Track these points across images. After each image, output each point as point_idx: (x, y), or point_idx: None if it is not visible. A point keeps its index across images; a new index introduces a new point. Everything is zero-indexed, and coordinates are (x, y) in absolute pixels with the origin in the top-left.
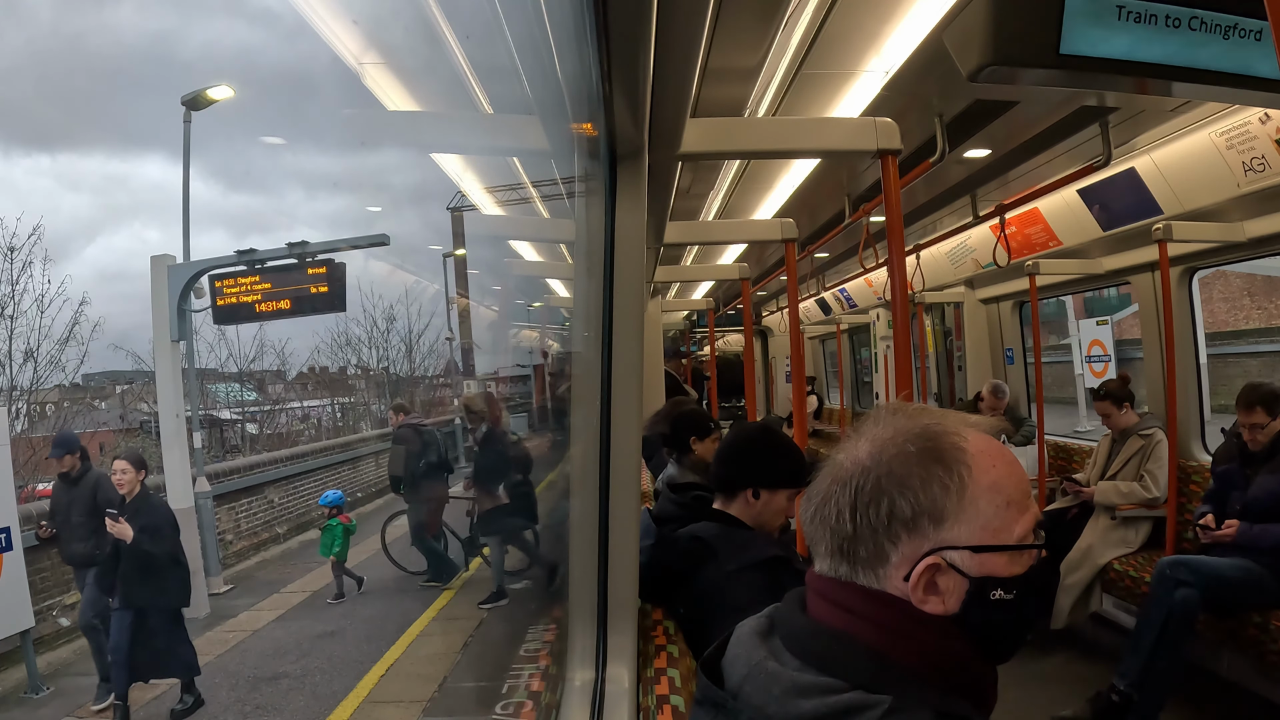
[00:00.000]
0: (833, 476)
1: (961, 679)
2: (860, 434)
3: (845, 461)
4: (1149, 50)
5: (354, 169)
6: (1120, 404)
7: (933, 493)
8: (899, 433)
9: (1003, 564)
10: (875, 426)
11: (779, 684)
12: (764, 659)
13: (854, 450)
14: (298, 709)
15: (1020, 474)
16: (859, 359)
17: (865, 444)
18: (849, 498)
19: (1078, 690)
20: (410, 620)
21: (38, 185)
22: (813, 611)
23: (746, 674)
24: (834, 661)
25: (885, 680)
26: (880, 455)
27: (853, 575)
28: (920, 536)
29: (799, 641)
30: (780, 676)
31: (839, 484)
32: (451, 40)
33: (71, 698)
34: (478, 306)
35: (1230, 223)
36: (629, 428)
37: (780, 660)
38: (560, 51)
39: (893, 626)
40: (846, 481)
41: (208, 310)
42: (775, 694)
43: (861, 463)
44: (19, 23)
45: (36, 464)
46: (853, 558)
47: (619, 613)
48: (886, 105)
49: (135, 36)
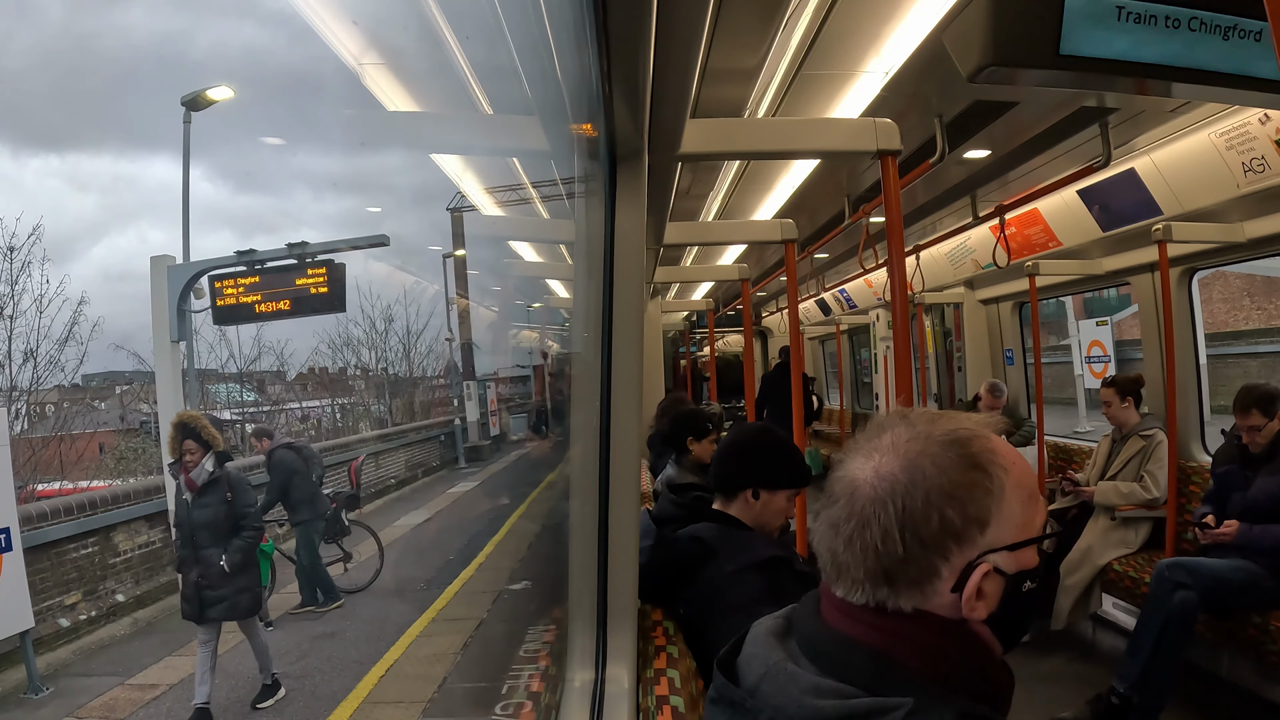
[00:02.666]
0: (868, 496)
1: (985, 688)
2: (877, 447)
3: (874, 479)
4: (1149, 51)
5: (357, 169)
6: (1124, 396)
7: (977, 500)
8: (929, 441)
9: (1031, 556)
10: (893, 437)
11: (798, 684)
12: (782, 659)
13: (880, 465)
14: (297, 709)
15: (1029, 465)
16: (859, 360)
17: (892, 458)
18: (895, 518)
19: (1078, 691)
20: (410, 621)
21: (46, 185)
22: (832, 621)
23: (765, 673)
24: (857, 675)
25: (911, 693)
26: (918, 469)
27: (893, 597)
28: (970, 545)
29: (818, 648)
30: (800, 678)
31: (876, 504)
32: (451, 41)
33: (71, 698)
34: (477, 307)
35: (1230, 223)
36: (629, 428)
37: (798, 663)
38: (560, 52)
39: (927, 643)
40: (886, 500)
41: (207, 311)
42: (795, 694)
43: (897, 479)
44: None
45: (37, 464)
46: (898, 580)
47: (619, 613)
48: (886, 106)
49: (145, 37)
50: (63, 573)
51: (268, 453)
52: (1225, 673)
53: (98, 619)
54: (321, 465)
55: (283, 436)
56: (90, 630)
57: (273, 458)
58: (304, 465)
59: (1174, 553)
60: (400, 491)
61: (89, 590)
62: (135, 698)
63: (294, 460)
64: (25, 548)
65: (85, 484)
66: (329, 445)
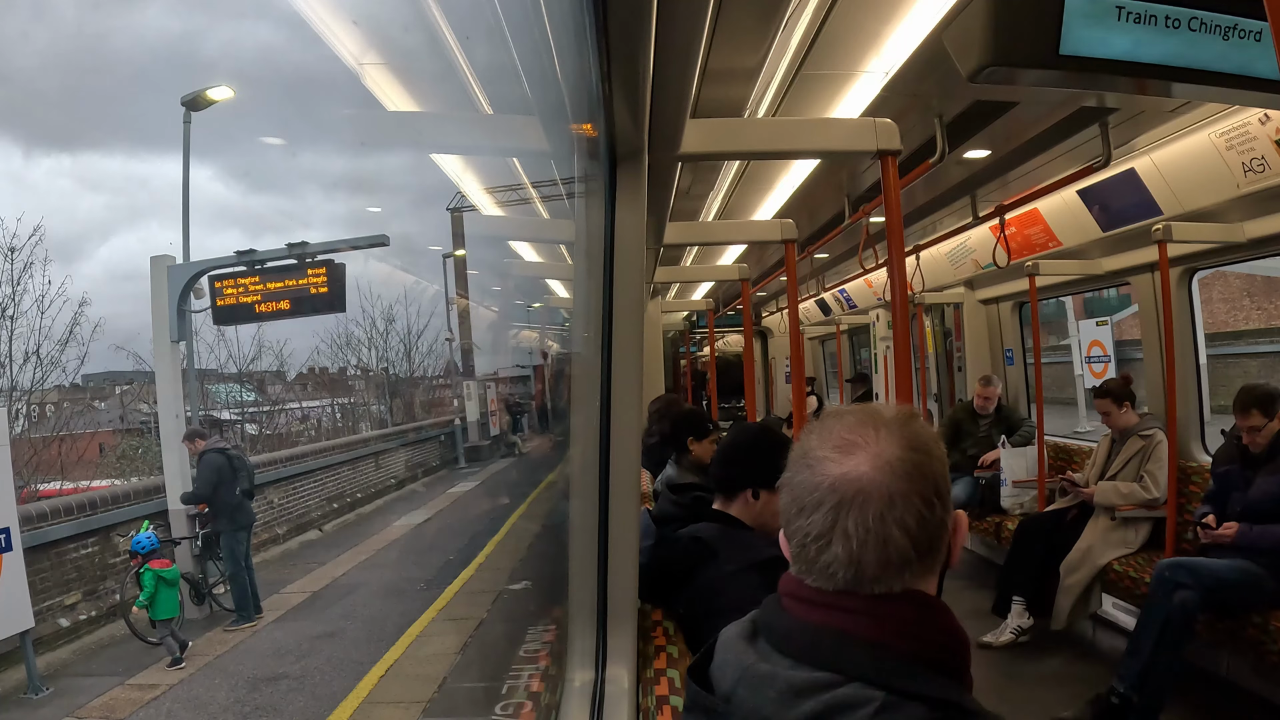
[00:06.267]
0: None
1: (952, 660)
2: (853, 444)
3: (875, 474)
4: (1149, 51)
5: (360, 170)
6: (1120, 403)
7: (946, 472)
8: (892, 434)
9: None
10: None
11: (774, 686)
12: (755, 662)
13: (879, 458)
14: (297, 709)
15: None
16: (859, 360)
17: (883, 450)
18: (915, 515)
19: (1078, 691)
20: (410, 621)
21: (56, 185)
22: (803, 615)
23: (739, 678)
24: (831, 656)
25: (886, 670)
26: (908, 464)
27: (902, 579)
28: (947, 513)
29: (790, 640)
30: (775, 678)
31: (895, 496)
32: (452, 41)
33: (71, 698)
34: (478, 307)
35: (1230, 223)
36: (629, 428)
37: (771, 662)
38: (560, 52)
39: (907, 618)
40: (903, 492)
41: (207, 311)
42: (771, 696)
43: (904, 467)
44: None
45: (37, 464)
46: (916, 562)
47: (619, 613)
48: (886, 106)
49: (156, 37)
50: (63, 573)
51: (199, 454)
52: (1225, 673)
53: (98, 619)
54: (251, 476)
55: (217, 441)
56: (90, 630)
57: (203, 459)
58: (232, 473)
59: (1174, 553)
60: (400, 492)
61: (89, 590)
62: (135, 698)
63: (223, 465)
64: (25, 548)
65: (85, 484)
66: (328, 445)
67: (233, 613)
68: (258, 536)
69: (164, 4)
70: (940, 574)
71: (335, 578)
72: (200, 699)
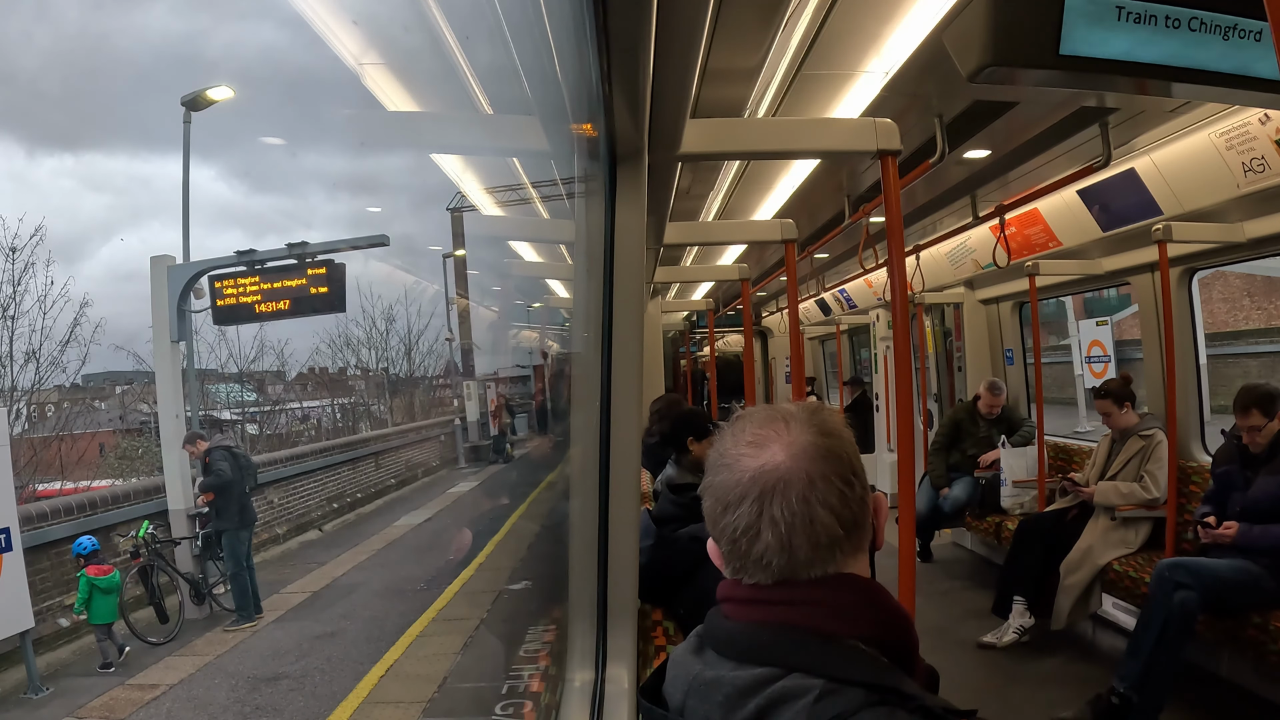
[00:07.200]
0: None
1: (896, 639)
2: (766, 439)
3: (792, 464)
4: (1149, 51)
5: (361, 170)
6: (1121, 403)
7: (857, 454)
8: (801, 424)
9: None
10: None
11: (720, 690)
12: (700, 671)
13: (793, 449)
14: (297, 709)
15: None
16: (859, 360)
17: (795, 440)
18: (837, 490)
19: (1078, 691)
20: (410, 620)
21: (59, 185)
22: (742, 616)
23: (687, 689)
24: (771, 651)
25: (824, 658)
26: (821, 448)
27: (834, 558)
28: (866, 491)
29: (732, 643)
30: (720, 683)
31: (815, 483)
32: (452, 41)
33: (71, 698)
34: (477, 307)
35: (1230, 223)
36: (629, 428)
37: (716, 668)
38: (560, 52)
39: (844, 601)
40: (821, 477)
41: (208, 311)
42: (719, 700)
43: (819, 455)
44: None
45: (37, 464)
46: (844, 545)
47: (619, 613)
48: (886, 106)
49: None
50: (63, 573)
51: (205, 453)
52: (1225, 673)
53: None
54: (255, 474)
55: (221, 439)
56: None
57: (212, 455)
58: (238, 471)
59: (1174, 553)
60: (400, 492)
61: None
62: (135, 698)
63: (229, 464)
64: (25, 548)
65: (86, 484)
66: (328, 445)
67: (233, 612)
68: (258, 536)
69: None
70: (870, 555)
71: (335, 577)
72: (200, 699)
